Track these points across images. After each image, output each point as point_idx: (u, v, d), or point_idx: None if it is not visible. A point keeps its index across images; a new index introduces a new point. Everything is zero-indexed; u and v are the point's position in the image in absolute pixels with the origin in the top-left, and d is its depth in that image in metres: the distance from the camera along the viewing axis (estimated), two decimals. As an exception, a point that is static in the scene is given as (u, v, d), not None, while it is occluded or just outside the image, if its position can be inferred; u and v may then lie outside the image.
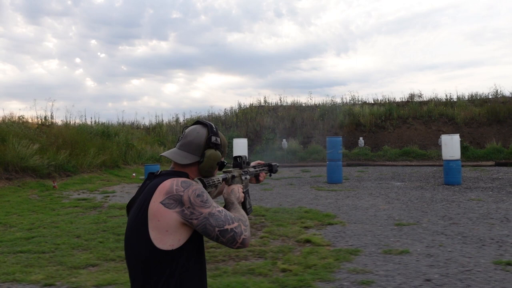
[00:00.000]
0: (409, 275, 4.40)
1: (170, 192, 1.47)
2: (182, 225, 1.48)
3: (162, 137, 23.66)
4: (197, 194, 1.48)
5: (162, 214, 1.46)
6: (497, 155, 20.23)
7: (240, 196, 1.72)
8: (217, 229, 1.48)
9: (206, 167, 1.61)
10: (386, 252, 5.34)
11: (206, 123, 1.68)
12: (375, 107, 26.07)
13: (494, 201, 9.33)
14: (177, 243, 1.48)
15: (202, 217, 1.47)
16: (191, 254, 1.52)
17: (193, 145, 1.63)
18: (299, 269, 4.67)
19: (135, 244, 1.52)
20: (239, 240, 1.52)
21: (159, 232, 1.46)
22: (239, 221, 1.55)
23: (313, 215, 8.09)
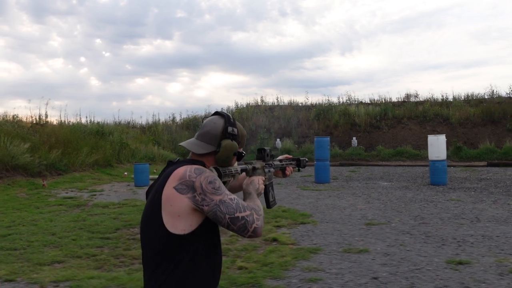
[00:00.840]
0: (359, 273, 4.52)
1: (183, 178, 1.50)
2: (194, 210, 1.50)
3: (157, 136, 23.83)
4: (209, 181, 1.50)
5: (174, 199, 1.49)
6: (490, 156, 20.25)
7: (259, 188, 1.73)
8: (228, 216, 1.50)
9: (223, 157, 1.63)
10: (346, 250, 5.45)
11: (224, 114, 1.70)
12: (371, 107, 26.13)
13: (473, 201, 9.41)
14: (188, 228, 1.50)
15: (213, 204, 1.49)
16: (202, 240, 1.54)
17: (210, 135, 1.65)
18: (255, 267, 4.79)
19: (149, 228, 1.56)
20: (251, 228, 1.52)
21: (171, 217, 1.50)
22: (252, 210, 1.55)
23: (290, 214, 8.21)
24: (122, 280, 4.37)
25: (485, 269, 4.60)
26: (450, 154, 21.41)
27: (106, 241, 6.27)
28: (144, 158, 19.69)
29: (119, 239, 6.42)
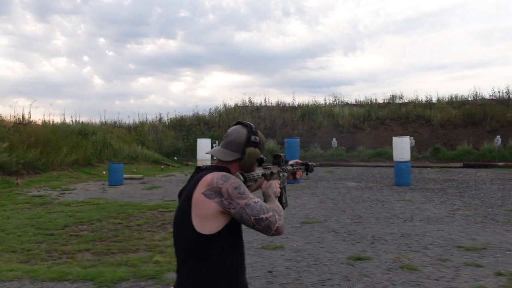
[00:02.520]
0: (259, 267, 4.87)
1: (210, 184, 1.65)
2: (220, 213, 1.65)
3: (143, 136, 24.20)
4: (234, 186, 1.65)
5: (203, 203, 1.65)
6: (467, 157, 20.55)
7: (276, 191, 1.90)
8: (253, 218, 1.64)
9: (247, 163, 1.79)
10: (263, 247, 5.80)
11: (246, 124, 1.86)
12: (355, 109, 26.45)
13: (422, 202, 9.74)
14: (215, 229, 1.65)
15: (239, 207, 1.64)
16: (228, 239, 1.70)
17: (235, 143, 1.80)
18: (168, 261, 5.14)
19: (180, 228, 1.73)
20: (274, 228, 1.67)
21: (200, 219, 1.65)
22: (274, 211, 1.70)
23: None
24: (38, 272, 4.72)
25: (379, 264, 4.95)
26: (429, 155, 21.79)
27: (48, 237, 6.62)
28: (126, 158, 20.08)
29: (62, 235, 6.78)
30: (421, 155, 21.86)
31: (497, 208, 8.73)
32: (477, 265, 4.90)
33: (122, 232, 7.01)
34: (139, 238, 6.57)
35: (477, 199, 10.06)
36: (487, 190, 11.64)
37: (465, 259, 5.13)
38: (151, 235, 6.79)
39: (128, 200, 10.58)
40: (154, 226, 7.51)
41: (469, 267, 4.83)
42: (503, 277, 4.48)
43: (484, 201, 9.74)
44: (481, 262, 5.02)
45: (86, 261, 5.30)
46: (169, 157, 23.39)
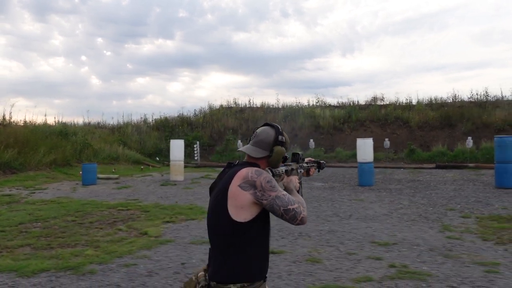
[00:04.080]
0: (176, 260, 5.29)
1: (246, 178, 1.87)
2: (253, 204, 1.87)
3: (126, 137, 24.57)
4: (267, 180, 1.87)
5: (239, 194, 1.86)
6: (441, 158, 20.98)
7: (296, 185, 2.15)
8: (282, 208, 1.87)
9: (274, 160, 2.03)
10: (192, 242, 6.22)
11: (274, 125, 2.09)
12: (336, 110, 26.88)
13: (372, 201, 10.17)
14: (249, 217, 1.87)
15: (271, 199, 1.86)
16: (258, 227, 1.93)
17: (264, 142, 2.02)
18: (96, 254, 5.56)
19: (217, 217, 1.93)
20: (299, 218, 1.90)
21: (235, 208, 1.87)
22: (299, 203, 1.93)
23: (191, 211, 8.97)
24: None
25: (288, 258, 5.38)
26: (404, 156, 22.22)
27: (-2, 233, 7.03)
28: (107, 158, 20.48)
29: (12, 232, 7.18)
30: (396, 156, 22.30)
31: (438, 207, 9.15)
32: (378, 258, 5.33)
33: (71, 229, 7.40)
34: (83, 234, 6.97)
35: (426, 198, 10.49)
36: (442, 190, 12.07)
37: (370, 253, 5.56)
38: (97, 231, 7.19)
39: (92, 199, 10.98)
40: (105, 223, 7.91)
41: (369, 260, 5.26)
42: (394, 268, 4.91)
43: (431, 200, 10.17)
44: (384, 256, 5.44)
45: (22, 255, 5.70)
46: (151, 157, 23.77)
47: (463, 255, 5.44)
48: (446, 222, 7.59)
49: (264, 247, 2.00)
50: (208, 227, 2.04)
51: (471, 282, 4.43)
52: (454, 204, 9.61)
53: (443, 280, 4.48)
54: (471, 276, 4.61)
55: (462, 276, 4.60)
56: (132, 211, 9.16)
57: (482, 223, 7.51)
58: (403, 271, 4.80)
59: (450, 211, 8.70)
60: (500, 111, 23.73)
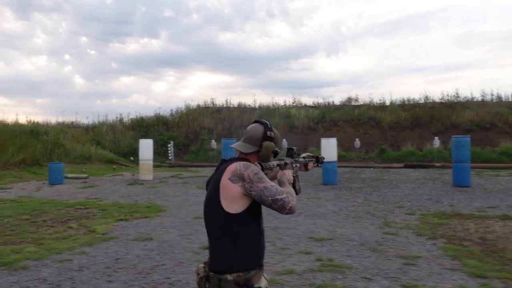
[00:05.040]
0: (113, 255, 5.44)
1: (235, 171, 1.98)
2: (244, 195, 1.98)
3: (100, 136, 24.51)
4: (254, 172, 1.97)
5: (229, 187, 1.97)
6: (410, 158, 21.43)
7: (290, 179, 2.19)
8: (270, 198, 1.95)
9: (264, 154, 2.13)
10: (135, 239, 6.38)
11: (263, 122, 2.20)
12: (311, 110, 27.20)
13: (328, 199, 10.43)
14: (240, 208, 1.98)
15: (259, 190, 1.95)
16: (250, 217, 2.02)
17: (254, 138, 2.13)
18: (36, 251, 5.68)
19: (212, 209, 2.05)
20: (287, 207, 1.98)
21: (227, 200, 1.98)
22: (287, 193, 2.01)
23: (147, 210, 9.10)
24: None
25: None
26: (375, 156, 22.62)
27: None
28: (79, 158, 20.44)
29: (-39, 229, 7.23)
30: (367, 156, 22.69)
31: (389, 205, 9.45)
32: (308, 252, 5.55)
33: (22, 227, 7.48)
34: (32, 232, 7.06)
35: (381, 197, 10.79)
36: (401, 188, 12.40)
37: (303, 248, 5.78)
38: (46, 230, 7.28)
39: (53, 198, 11.03)
40: (58, 222, 8.00)
41: (299, 255, 5.48)
42: (319, 262, 5.13)
43: (386, 198, 10.48)
44: (315, 250, 5.67)
45: (-36, 252, 5.78)
46: (126, 157, 23.76)
47: (390, 249, 5.70)
48: (390, 219, 7.86)
49: (257, 237, 2.09)
50: (205, 219, 2.15)
51: (386, 273, 4.67)
52: (406, 202, 9.92)
53: (360, 272, 4.72)
54: (388, 268, 4.86)
55: (379, 269, 4.85)
56: (90, 210, 9.25)
57: (423, 219, 7.80)
58: (326, 264, 5.03)
59: (398, 209, 8.99)
60: (469, 112, 24.33)
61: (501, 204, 9.27)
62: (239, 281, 1.96)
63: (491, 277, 4.54)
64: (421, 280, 4.45)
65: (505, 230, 6.90)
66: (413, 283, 4.35)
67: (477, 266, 4.92)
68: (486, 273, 4.66)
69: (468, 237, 6.41)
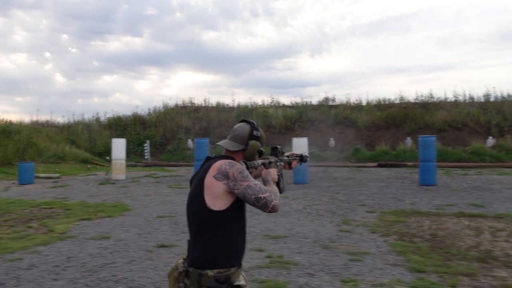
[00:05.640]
0: (66, 254, 5.47)
1: (220, 169, 2.01)
2: (227, 193, 2.01)
3: (75, 136, 24.26)
4: (239, 171, 2.00)
5: (213, 184, 2.00)
6: (384, 157, 21.74)
7: (274, 177, 2.24)
8: (253, 197, 1.99)
9: (249, 153, 2.17)
10: (91, 238, 6.40)
11: (249, 121, 2.24)
12: (288, 110, 27.39)
13: (296, 198, 10.57)
14: (223, 206, 2.01)
15: (242, 188, 1.98)
16: (233, 215, 2.05)
17: (240, 137, 2.18)
18: (-11, 251, 5.67)
19: (195, 206, 2.07)
20: (270, 205, 2.02)
21: (211, 198, 2.01)
22: (271, 192, 2.05)
23: (113, 209, 9.11)
24: None
25: (174, 251, 5.64)
26: (350, 155, 22.91)
27: None
28: (52, 157, 20.21)
29: None
30: (342, 155, 22.95)
31: (353, 203, 9.63)
32: (260, 250, 5.67)
33: (-20, 226, 7.43)
34: (-11, 231, 7.02)
35: (348, 195, 10.98)
36: (369, 187, 12.62)
37: (257, 246, 5.88)
38: (6, 229, 7.24)
39: (20, 198, 10.94)
40: (20, 221, 7.95)
41: (251, 252, 5.57)
42: (268, 259, 5.25)
43: (351, 197, 10.66)
44: (268, 247, 5.79)
45: None
46: (102, 156, 23.56)
47: (341, 246, 5.86)
48: (349, 217, 8.03)
49: (239, 234, 2.12)
50: (187, 215, 2.17)
51: (329, 269, 4.81)
52: (370, 200, 10.12)
53: (305, 268, 4.85)
54: (334, 264, 5.00)
55: (325, 265, 4.98)
56: (54, 210, 9.21)
57: (382, 217, 7.99)
58: (275, 261, 5.15)
59: (361, 207, 9.18)
60: (442, 112, 24.79)
61: (461, 202, 9.53)
62: (219, 278, 1.99)
63: (429, 271, 4.72)
64: (362, 275, 4.60)
65: (458, 227, 7.13)
66: (353, 278, 4.49)
67: (419, 261, 5.09)
68: (426, 268, 4.84)
69: (420, 234, 6.61)
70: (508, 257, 5.30)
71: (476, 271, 4.73)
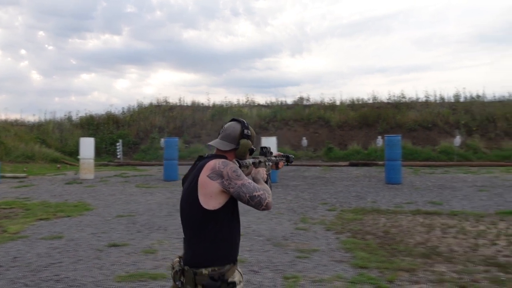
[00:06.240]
0: (15, 255, 5.41)
1: (214, 169, 2.02)
2: (222, 192, 2.02)
3: (46, 135, 23.85)
4: (233, 170, 2.03)
5: (208, 184, 2.01)
6: (356, 156, 22.03)
7: (264, 176, 2.28)
8: (248, 195, 2.02)
9: (241, 152, 2.18)
10: (43, 238, 6.34)
11: (240, 120, 2.25)
12: (263, 109, 27.48)
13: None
14: (218, 205, 2.02)
15: (237, 186, 2.01)
16: (227, 214, 2.07)
17: (231, 136, 2.19)
18: None
19: (188, 205, 2.08)
20: (264, 203, 2.06)
21: (205, 197, 2.02)
22: (264, 190, 2.09)
23: (73, 209, 9.00)
24: None
25: (123, 250, 5.63)
26: (322, 155, 23.15)
27: None
28: (21, 156, 19.84)
29: None
30: (315, 154, 23.17)
31: (316, 202, 9.76)
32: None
33: None
34: None
35: (312, 194, 11.11)
36: (336, 186, 12.78)
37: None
38: (-43, 229, 7.10)
39: (-20, 198, 10.71)
40: (-26, 221, 7.80)
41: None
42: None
43: (316, 196, 10.79)
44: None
45: None
46: (73, 156, 23.20)
47: (292, 244, 5.93)
48: (309, 215, 8.14)
49: (233, 233, 2.15)
50: (181, 215, 2.17)
51: (275, 266, 4.88)
52: (333, 198, 10.26)
53: (251, 265, 4.91)
54: (280, 261, 5.07)
55: (271, 262, 5.05)
56: (14, 209, 9.06)
57: (341, 215, 8.12)
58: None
59: (323, 205, 9.30)
60: (413, 112, 25.25)
61: (420, 200, 9.74)
62: (214, 275, 2.01)
63: (372, 267, 4.82)
64: (305, 271, 4.68)
65: (411, 224, 7.30)
66: (295, 274, 4.57)
67: (365, 257, 5.20)
68: (369, 264, 4.95)
69: (373, 231, 6.75)
70: (452, 253, 5.47)
71: (417, 267, 4.87)
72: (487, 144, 22.11)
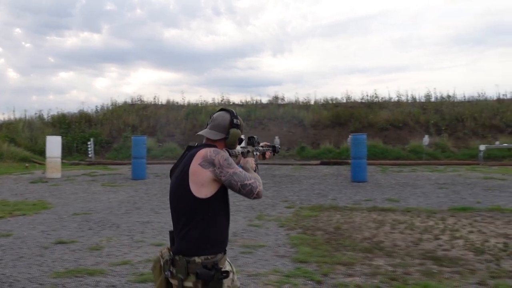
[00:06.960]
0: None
1: (205, 157, 2.02)
2: (213, 180, 2.02)
3: (15, 133, 23.42)
4: (224, 158, 2.03)
5: (199, 172, 2.01)
6: (327, 155, 22.27)
7: (253, 166, 2.28)
8: (239, 183, 2.02)
9: (231, 141, 2.18)
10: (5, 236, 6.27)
11: (229, 110, 2.25)
12: (237, 108, 27.51)
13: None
14: (209, 193, 2.02)
15: (228, 175, 2.01)
16: (219, 202, 2.08)
17: (221, 125, 2.18)
18: None
19: (179, 194, 2.07)
20: (255, 192, 2.06)
21: (197, 185, 2.01)
22: (255, 179, 2.09)
23: (31, 207, 8.90)
24: None
25: (69, 247, 5.61)
26: (295, 153, 23.32)
27: None
28: (-13, 156, 19.43)
29: None
30: (288, 153, 23.33)
31: (277, 199, 9.88)
32: (160, 244, 5.72)
33: None
34: None
35: (277, 192, 11.23)
36: (302, 184, 12.92)
37: (158, 241, 5.94)
38: None
39: None
40: None
41: (150, 246, 5.65)
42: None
43: (279, 193, 10.91)
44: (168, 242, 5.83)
45: None
46: (43, 155, 22.81)
47: (241, 240, 6.01)
48: (266, 212, 8.22)
49: (224, 221, 2.15)
50: (171, 205, 2.15)
51: (216, 262, 4.92)
52: (295, 196, 10.38)
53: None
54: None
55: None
56: (-31, 208, 8.90)
57: (298, 212, 8.23)
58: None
59: (283, 203, 9.41)
60: (385, 111, 25.64)
61: (379, 198, 9.94)
62: (207, 264, 2.01)
63: (311, 262, 4.93)
64: (244, 266, 4.75)
65: (364, 220, 7.45)
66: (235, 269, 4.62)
67: (307, 252, 5.30)
68: (310, 258, 5.05)
69: (324, 228, 6.86)
70: (394, 247, 5.61)
71: (356, 261, 4.98)
72: (455, 143, 22.63)
